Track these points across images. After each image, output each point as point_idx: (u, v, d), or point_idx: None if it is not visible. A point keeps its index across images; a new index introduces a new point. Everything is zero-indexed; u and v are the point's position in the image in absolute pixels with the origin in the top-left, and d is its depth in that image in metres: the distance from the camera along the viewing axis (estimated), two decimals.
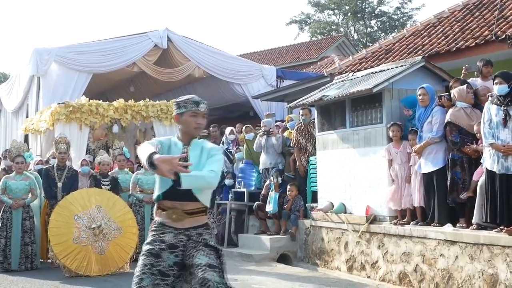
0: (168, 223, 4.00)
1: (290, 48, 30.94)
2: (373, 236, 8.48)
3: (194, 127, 4.05)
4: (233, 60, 16.86)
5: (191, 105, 4.04)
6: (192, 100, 4.07)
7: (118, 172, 10.92)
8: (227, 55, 16.81)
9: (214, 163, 4.01)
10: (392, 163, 8.29)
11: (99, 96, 14.72)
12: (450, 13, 14.24)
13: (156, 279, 3.85)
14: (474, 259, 6.76)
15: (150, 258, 3.91)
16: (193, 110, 4.03)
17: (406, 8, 39.88)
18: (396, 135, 8.20)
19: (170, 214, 3.98)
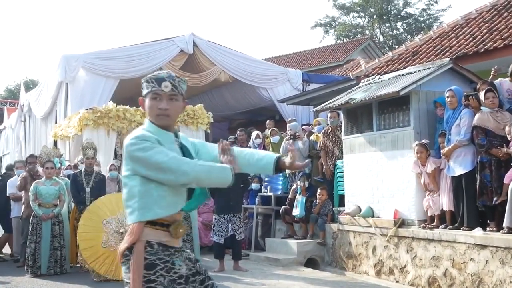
0: (168, 243, 3.07)
1: (316, 51, 30.89)
2: (401, 240, 8.40)
3: (156, 113, 3.09)
4: (259, 64, 16.87)
5: (151, 84, 3.09)
6: (154, 77, 3.11)
7: None
8: (252, 59, 16.82)
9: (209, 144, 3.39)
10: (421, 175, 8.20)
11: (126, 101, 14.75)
12: (478, 14, 14.08)
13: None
14: (505, 263, 6.66)
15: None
16: (154, 91, 3.08)
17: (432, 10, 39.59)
18: (420, 156, 8.09)
19: (175, 229, 3.07)
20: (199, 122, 13.51)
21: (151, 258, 2.97)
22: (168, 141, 3.09)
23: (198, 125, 13.52)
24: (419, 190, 8.31)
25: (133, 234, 2.97)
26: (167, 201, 3.02)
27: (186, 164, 2.96)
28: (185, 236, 10.53)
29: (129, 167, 3.05)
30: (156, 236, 3.02)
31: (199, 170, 2.96)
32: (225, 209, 9.63)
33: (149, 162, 2.97)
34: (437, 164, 7.98)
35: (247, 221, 11.98)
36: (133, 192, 3.01)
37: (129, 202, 3.03)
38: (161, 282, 2.96)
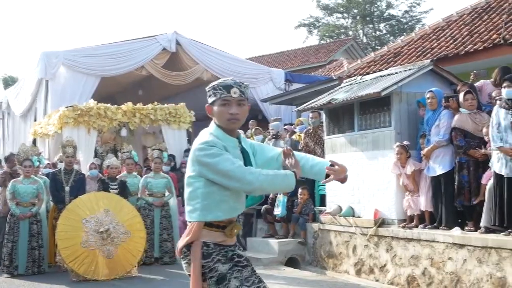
0: (223, 242, 3.24)
1: (299, 51, 30.93)
2: (381, 240, 8.45)
3: (227, 118, 3.22)
4: (242, 63, 16.88)
5: (220, 91, 3.23)
6: (222, 84, 3.25)
7: (127, 175, 10.94)
8: (235, 58, 16.83)
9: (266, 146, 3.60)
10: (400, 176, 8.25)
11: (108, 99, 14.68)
12: (459, 16, 14.20)
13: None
14: (482, 262, 6.72)
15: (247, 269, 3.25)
16: (223, 98, 3.22)
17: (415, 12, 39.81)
18: (400, 158, 8.13)
19: (230, 230, 3.25)
20: (181, 121, 13.47)
21: (207, 259, 3.19)
22: (232, 147, 3.26)
23: (180, 124, 13.48)
24: (399, 190, 8.37)
25: (191, 234, 3.20)
26: (228, 205, 3.22)
27: (251, 174, 3.12)
28: (166, 235, 10.52)
29: (195, 168, 3.21)
30: (212, 237, 3.21)
31: (263, 180, 3.13)
32: None
33: (216, 168, 3.13)
34: (417, 166, 8.03)
35: None
36: (196, 193, 3.20)
37: (192, 201, 3.23)
38: (219, 262, 3.18)
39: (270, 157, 3.47)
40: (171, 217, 10.75)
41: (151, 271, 9.77)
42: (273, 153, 3.50)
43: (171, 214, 10.77)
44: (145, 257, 10.06)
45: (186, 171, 3.32)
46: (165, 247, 10.53)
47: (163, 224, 10.58)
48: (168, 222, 10.66)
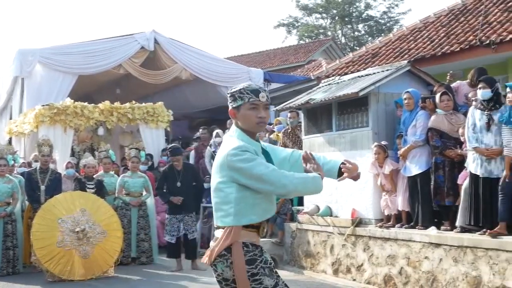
0: (256, 242, 3.34)
1: (278, 51, 30.97)
2: (358, 239, 8.48)
3: (256, 122, 3.31)
4: (220, 63, 16.82)
5: (248, 95, 3.30)
6: (249, 88, 3.33)
7: (104, 175, 10.87)
8: (214, 58, 16.77)
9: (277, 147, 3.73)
10: (378, 176, 8.30)
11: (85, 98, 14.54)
12: (436, 18, 14.33)
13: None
14: (458, 261, 6.79)
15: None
16: (252, 102, 3.30)
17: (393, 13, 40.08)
18: (378, 158, 8.18)
19: (262, 230, 3.43)
20: (159, 120, 13.41)
21: (250, 255, 3.27)
22: (258, 151, 3.34)
23: (158, 123, 13.42)
24: (377, 190, 8.41)
25: (230, 237, 3.26)
26: (261, 208, 3.32)
27: (285, 177, 3.20)
28: (143, 235, 10.47)
29: (225, 173, 3.27)
30: (249, 237, 3.29)
31: (296, 183, 3.20)
32: (177, 209, 9.58)
33: (251, 173, 3.20)
34: (395, 166, 8.08)
35: (206, 220, 11.92)
36: (229, 198, 3.27)
37: (224, 206, 3.30)
38: (263, 273, 3.27)
39: (283, 157, 3.56)
40: (149, 216, 10.70)
41: (128, 271, 9.72)
42: (284, 154, 3.59)
43: (149, 213, 10.72)
44: (122, 257, 9.99)
45: (214, 176, 3.37)
46: (142, 247, 10.48)
47: (141, 224, 10.53)
48: (146, 222, 10.61)
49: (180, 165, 9.77)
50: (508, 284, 6.15)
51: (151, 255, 10.56)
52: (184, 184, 9.63)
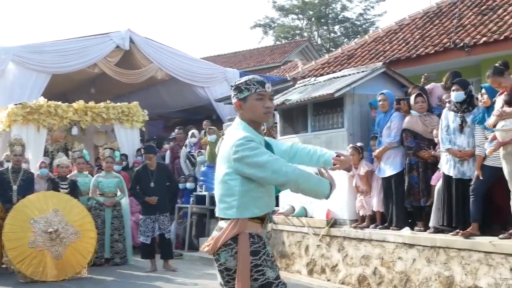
0: (260, 234, 3.44)
1: (254, 51, 30.97)
2: (333, 240, 8.52)
3: (263, 112, 3.40)
4: (196, 63, 16.76)
5: (255, 86, 3.40)
6: (255, 80, 3.43)
7: (77, 175, 10.76)
8: (190, 58, 16.71)
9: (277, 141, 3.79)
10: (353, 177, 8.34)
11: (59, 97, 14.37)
12: (411, 20, 14.46)
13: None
14: (431, 261, 6.85)
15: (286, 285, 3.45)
16: (259, 92, 3.39)
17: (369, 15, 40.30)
18: (353, 159, 8.21)
19: (266, 222, 3.50)
20: (134, 120, 13.34)
21: (255, 246, 3.34)
22: (262, 143, 3.42)
23: (133, 123, 13.35)
24: (352, 190, 8.45)
25: (236, 227, 3.33)
26: (264, 202, 3.40)
27: (288, 166, 3.27)
28: (118, 235, 10.39)
29: (230, 165, 3.34)
30: (254, 228, 3.38)
31: (298, 174, 3.26)
32: (151, 209, 9.52)
33: (254, 160, 3.25)
34: (370, 167, 8.13)
35: (181, 221, 11.89)
36: (233, 191, 3.34)
37: (228, 198, 3.38)
38: (266, 265, 3.36)
39: (283, 150, 3.64)
40: (123, 217, 10.63)
41: (102, 272, 9.64)
42: (285, 147, 3.67)
43: (123, 214, 10.65)
44: (96, 258, 9.90)
45: (219, 168, 3.45)
46: (116, 248, 10.40)
47: (115, 224, 10.46)
48: (120, 222, 10.53)
49: (153, 165, 9.71)
50: (480, 284, 6.23)
51: (125, 255, 10.49)
52: (157, 184, 9.57)
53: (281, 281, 3.42)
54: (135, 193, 9.79)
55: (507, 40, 10.91)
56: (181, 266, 9.98)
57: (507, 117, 6.08)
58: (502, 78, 6.33)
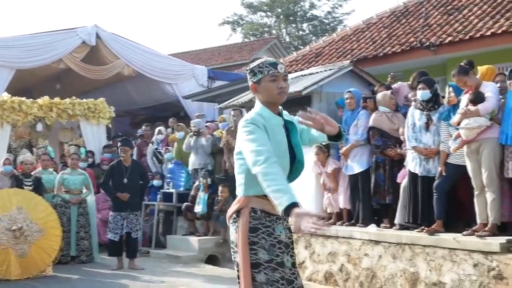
0: (270, 210, 3.33)
1: (222, 48, 30.91)
2: (300, 237, 8.55)
3: (277, 92, 3.42)
4: (164, 59, 16.65)
5: (267, 68, 3.44)
6: (267, 62, 3.48)
7: (42, 172, 10.60)
8: (157, 54, 16.58)
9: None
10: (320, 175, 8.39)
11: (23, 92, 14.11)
12: (378, 19, 14.60)
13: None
14: (396, 258, 6.93)
15: (279, 270, 3.31)
16: (272, 74, 3.43)
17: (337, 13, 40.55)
18: (318, 158, 8.27)
19: None
20: (100, 117, 13.19)
21: (254, 223, 3.35)
22: (276, 124, 3.42)
23: (99, 119, 13.20)
24: (319, 188, 8.50)
25: (239, 202, 3.41)
26: None
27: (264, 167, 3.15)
28: (83, 233, 10.28)
29: (239, 145, 3.41)
30: (260, 204, 3.36)
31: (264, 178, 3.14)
32: (122, 206, 9.44)
33: (245, 144, 3.30)
34: (337, 165, 8.18)
35: (148, 218, 11.81)
36: (242, 169, 3.41)
37: (238, 176, 3.46)
38: (262, 245, 3.32)
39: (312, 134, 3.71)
40: (89, 214, 10.51)
41: (67, 270, 9.52)
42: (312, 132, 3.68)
43: (89, 211, 10.53)
44: (61, 256, 9.77)
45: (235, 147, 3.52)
46: (82, 245, 10.28)
47: (80, 222, 10.33)
48: (86, 220, 10.42)
49: (128, 161, 9.64)
50: (444, 280, 6.32)
51: (91, 253, 10.38)
52: (131, 181, 9.50)
53: (271, 265, 3.30)
54: (107, 188, 9.69)
55: (472, 40, 11.09)
56: (147, 263, 9.91)
57: (471, 115, 6.18)
58: (467, 77, 6.41)
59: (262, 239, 3.33)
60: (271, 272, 3.30)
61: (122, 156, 9.60)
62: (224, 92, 14.95)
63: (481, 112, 6.15)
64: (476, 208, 6.30)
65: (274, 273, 3.30)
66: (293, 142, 3.52)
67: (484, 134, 6.19)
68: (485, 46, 10.99)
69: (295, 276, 3.41)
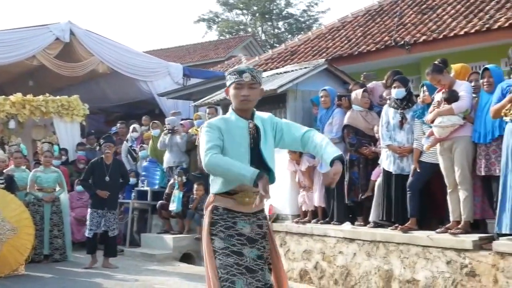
0: (235, 208, 3.67)
1: (198, 46, 30.82)
2: (275, 235, 8.53)
3: (240, 100, 3.66)
4: (139, 57, 16.52)
5: (234, 76, 3.68)
6: (236, 70, 3.72)
7: (14, 169, 10.44)
8: (132, 51, 16.45)
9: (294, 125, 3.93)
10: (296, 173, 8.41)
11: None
12: (353, 17, 14.68)
13: (247, 279, 3.54)
14: (371, 255, 6.97)
15: (233, 256, 3.58)
16: (237, 82, 3.65)
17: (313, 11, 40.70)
18: (291, 156, 8.30)
19: (241, 197, 3.66)
20: (74, 114, 13.08)
21: (216, 218, 3.68)
22: (240, 127, 3.66)
23: (73, 116, 13.10)
24: (294, 186, 8.53)
25: (208, 201, 3.79)
26: (226, 180, 3.61)
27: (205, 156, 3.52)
28: (57, 231, 10.17)
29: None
30: (222, 202, 3.68)
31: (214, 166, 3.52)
32: (101, 204, 9.38)
33: (200, 143, 3.70)
34: (311, 163, 8.21)
35: (122, 216, 11.73)
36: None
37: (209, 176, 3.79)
38: (219, 236, 3.63)
39: (295, 138, 3.85)
40: (62, 212, 10.39)
41: (40, 269, 9.41)
42: (297, 135, 3.85)
43: (62, 209, 10.41)
44: (34, 255, 9.65)
45: None
46: (55, 244, 10.17)
47: (54, 220, 10.22)
48: (59, 218, 10.30)
49: (110, 159, 9.58)
50: (418, 277, 6.38)
51: (64, 252, 10.27)
52: (112, 179, 9.45)
53: (225, 252, 3.60)
54: (87, 184, 9.62)
55: (446, 39, 11.21)
56: (122, 262, 9.84)
57: (445, 114, 6.24)
58: (441, 75, 6.45)
59: (220, 232, 3.65)
60: (225, 257, 3.57)
61: (107, 153, 9.54)
62: (199, 89, 14.89)
63: (455, 111, 6.21)
64: (449, 205, 6.36)
65: (228, 258, 3.57)
66: (261, 146, 3.73)
67: (457, 132, 6.25)
68: (459, 46, 11.11)
69: (260, 267, 3.63)
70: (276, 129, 3.84)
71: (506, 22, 10.39)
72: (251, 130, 3.70)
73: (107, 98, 17.65)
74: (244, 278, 3.53)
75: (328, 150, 3.72)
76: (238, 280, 3.52)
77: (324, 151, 3.73)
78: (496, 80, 6.06)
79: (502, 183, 5.66)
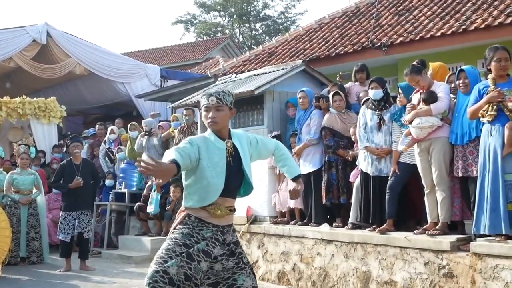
0: (206, 219, 3.86)
1: (176, 48, 30.74)
2: (253, 236, 8.57)
3: (207, 122, 3.92)
4: (116, 58, 16.44)
5: (203, 99, 3.95)
6: (205, 93, 3.96)
7: None
8: (109, 53, 16.36)
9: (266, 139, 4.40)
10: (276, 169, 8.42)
11: None
12: (331, 19, 14.73)
13: (181, 261, 3.70)
14: (349, 257, 7.00)
15: (182, 247, 3.76)
16: (204, 105, 3.92)
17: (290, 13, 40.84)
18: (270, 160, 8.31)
19: (213, 210, 3.84)
20: (51, 116, 13.00)
21: (186, 221, 3.87)
22: (218, 148, 3.87)
23: (50, 118, 13.01)
24: (271, 187, 8.53)
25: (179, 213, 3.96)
26: (199, 196, 3.82)
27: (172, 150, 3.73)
28: (34, 234, 10.08)
29: None
30: (195, 211, 3.86)
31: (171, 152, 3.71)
32: (73, 206, 9.31)
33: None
34: None
35: (100, 218, 11.65)
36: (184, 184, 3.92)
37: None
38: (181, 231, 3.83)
39: (270, 149, 4.34)
40: (39, 214, 10.33)
41: (17, 271, 9.34)
42: (270, 147, 4.35)
43: (39, 212, 10.34)
44: (11, 257, 9.56)
45: None
46: (32, 246, 10.10)
47: (31, 222, 10.14)
48: (36, 220, 10.23)
49: (78, 159, 9.52)
50: (396, 278, 6.42)
51: (41, 254, 10.20)
52: (83, 179, 9.38)
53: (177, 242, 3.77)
54: (59, 185, 9.54)
55: (422, 41, 11.30)
56: (99, 264, 9.78)
57: (423, 115, 6.28)
58: (420, 76, 6.45)
59: (183, 229, 3.85)
60: (172, 244, 3.77)
61: (76, 153, 9.48)
62: (177, 91, 14.86)
63: (433, 112, 6.23)
64: (427, 206, 6.38)
65: (175, 246, 3.75)
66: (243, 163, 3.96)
67: (435, 133, 6.28)
68: (435, 47, 11.20)
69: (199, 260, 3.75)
70: (251, 144, 4.16)
71: (482, 23, 10.49)
72: (228, 149, 3.92)
73: (84, 100, 17.54)
74: (179, 259, 3.69)
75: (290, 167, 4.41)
76: (172, 260, 3.69)
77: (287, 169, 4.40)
78: (472, 81, 6.08)
79: (479, 184, 5.68)
